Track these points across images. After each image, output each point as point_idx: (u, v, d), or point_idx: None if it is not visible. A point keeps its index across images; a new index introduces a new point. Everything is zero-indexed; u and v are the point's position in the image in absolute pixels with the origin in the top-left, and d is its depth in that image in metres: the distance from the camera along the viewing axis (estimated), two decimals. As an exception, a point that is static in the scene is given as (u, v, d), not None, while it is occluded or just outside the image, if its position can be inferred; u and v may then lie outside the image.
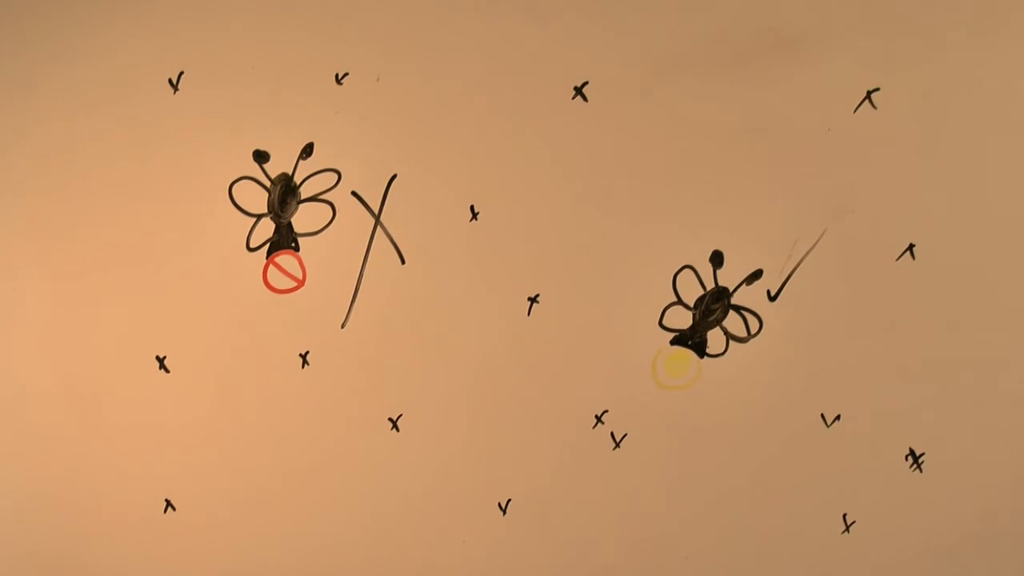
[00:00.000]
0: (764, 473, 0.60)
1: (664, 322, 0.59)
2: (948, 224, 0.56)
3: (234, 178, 0.60)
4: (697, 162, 0.57)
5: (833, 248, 0.57)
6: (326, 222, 0.60)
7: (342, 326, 0.61)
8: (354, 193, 0.59)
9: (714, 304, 0.59)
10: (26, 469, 0.65)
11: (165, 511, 0.65)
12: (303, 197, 0.60)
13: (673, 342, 0.60)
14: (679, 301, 0.59)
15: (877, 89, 0.55)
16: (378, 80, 0.58)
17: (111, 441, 0.64)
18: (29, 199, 0.62)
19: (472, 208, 0.59)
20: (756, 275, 0.58)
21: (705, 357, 0.60)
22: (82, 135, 0.60)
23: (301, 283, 0.61)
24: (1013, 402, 0.58)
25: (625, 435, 0.61)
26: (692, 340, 0.60)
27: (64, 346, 0.63)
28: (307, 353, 0.62)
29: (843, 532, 0.61)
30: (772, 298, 0.58)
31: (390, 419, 0.62)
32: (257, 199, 0.60)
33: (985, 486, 0.59)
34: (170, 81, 0.59)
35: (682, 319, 0.59)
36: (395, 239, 0.60)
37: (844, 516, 0.61)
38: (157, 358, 0.63)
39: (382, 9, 0.57)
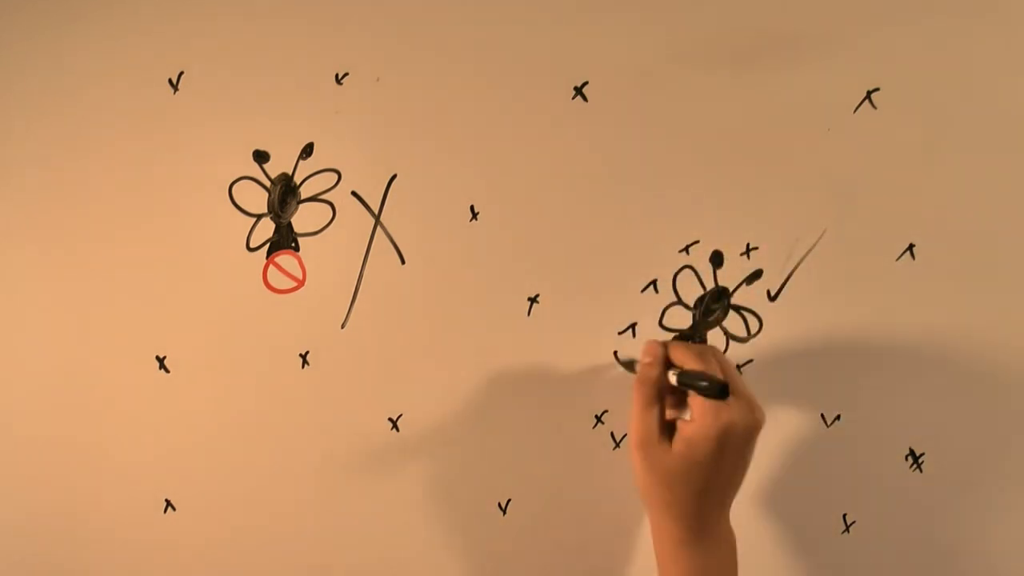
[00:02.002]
0: (764, 473, 0.60)
1: (664, 322, 0.59)
2: (948, 224, 0.56)
3: (234, 178, 0.60)
4: (697, 162, 0.57)
5: (833, 248, 0.57)
6: (326, 222, 0.60)
7: (342, 326, 0.61)
8: (354, 193, 0.60)
9: (714, 304, 0.59)
10: (24, 469, 0.65)
11: (165, 511, 0.65)
12: (303, 197, 0.60)
13: (673, 342, 0.60)
14: (679, 301, 0.59)
15: (877, 89, 0.55)
16: (378, 80, 0.58)
17: (111, 441, 0.64)
18: (27, 199, 0.61)
19: (472, 208, 0.59)
20: (756, 275, 0.58)
21: (705, 357, 0.60)
22: (80, 135, 0.60)
23: (301, 283, 0.61)
24: (1013, 402, 0.58)
25: (625, 435, 0.61)
26: (692, 340, 0.60)
27: (63, 346, 0.63)
28: (307, 353, 0.62)
29: (843, 532, 0.61)
30: (772, 298, 0.58)
31: (390, 419, 0.62)
32: (257, 199, 0.60)
33: (985, 486, 0.59)
34: (170, 81, 0.59)
35: (682, 319, 0.59)
36: (395, 239, 0.60)
37: (844, 516, 0.61)
38: (157, 358, 0.63)
39: (382, 9, 0.57)
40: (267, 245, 0.61)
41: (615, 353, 0.59)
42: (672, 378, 0.51)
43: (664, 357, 0.53)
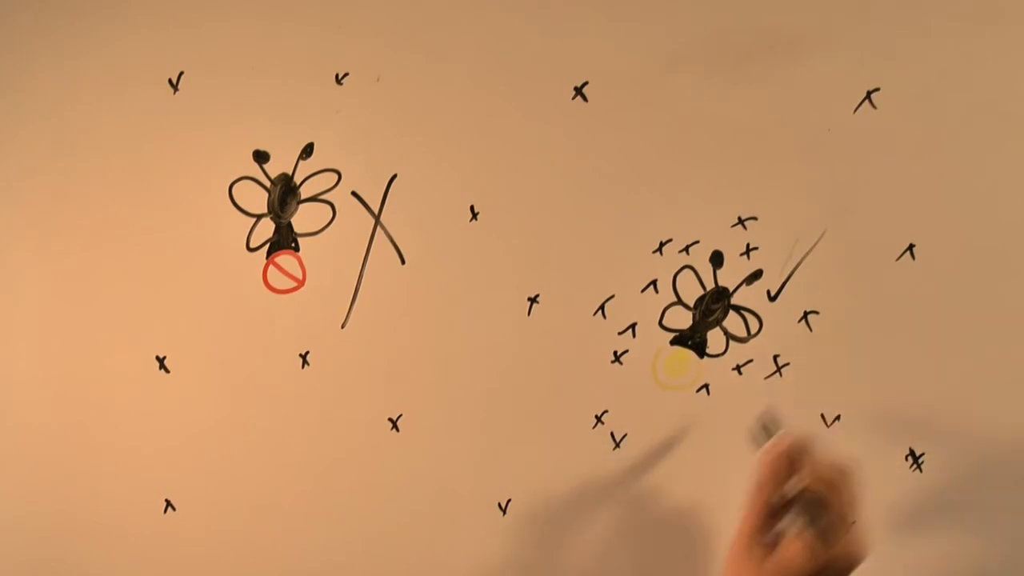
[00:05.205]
0: (764, 473, 0.60)
1: (664, 322, 0.59)
2: (948, 224, 0.56)
3: (234, 178, 0.60)
4: (697, 162, 0.57)
5: (833, 248, 0.57)
6: (326, 222, 0.60)
7: (342, 326, 0.61)
8: (354, 193, 0.60)
9: (714, 304, 0.59)
10: (24, 469, 0.65)
11: (165, 511, 0.65)
12: (303, 197, 0.60)
13: (673, 342, 0.60)
14: (679, 301, 0.59)
15: (877, 89, 0.55)
16: (378, 80, 0.58)
17: (110, 441, 0.64)
18: (27, 199, 0.62)
19: (472, 208, 0.59)
20: (756, 275, 0.58)
21: (705, 357, 0.60)
22: (81, 135, 0.60)
23: (301, 283, 0.61)
24: (1013, 402, 0.58)
25: (625, 435, 0.61)
26: (692, 340, 0.60)
27: (63, 346, 0.63)
28: (307, 353, 0.62)
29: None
30: (772, 298, 0.58)
31: (390, 419, 0.62)
32: (257, 199, 0.60)
33: (985, 486, 0.59)
34: (170, 81, 0.59)
35: (682, 319, 0.59)
36: (395, 239, 0.60)
37: (844, 516, 0.61)
38: (157, 358, 0.63)
39: (382, 9, 0.57)
40: (267, 245, 0.61)
41: (762, 423, 0.53)
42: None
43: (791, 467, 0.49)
